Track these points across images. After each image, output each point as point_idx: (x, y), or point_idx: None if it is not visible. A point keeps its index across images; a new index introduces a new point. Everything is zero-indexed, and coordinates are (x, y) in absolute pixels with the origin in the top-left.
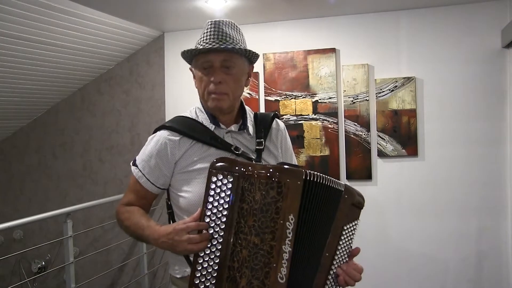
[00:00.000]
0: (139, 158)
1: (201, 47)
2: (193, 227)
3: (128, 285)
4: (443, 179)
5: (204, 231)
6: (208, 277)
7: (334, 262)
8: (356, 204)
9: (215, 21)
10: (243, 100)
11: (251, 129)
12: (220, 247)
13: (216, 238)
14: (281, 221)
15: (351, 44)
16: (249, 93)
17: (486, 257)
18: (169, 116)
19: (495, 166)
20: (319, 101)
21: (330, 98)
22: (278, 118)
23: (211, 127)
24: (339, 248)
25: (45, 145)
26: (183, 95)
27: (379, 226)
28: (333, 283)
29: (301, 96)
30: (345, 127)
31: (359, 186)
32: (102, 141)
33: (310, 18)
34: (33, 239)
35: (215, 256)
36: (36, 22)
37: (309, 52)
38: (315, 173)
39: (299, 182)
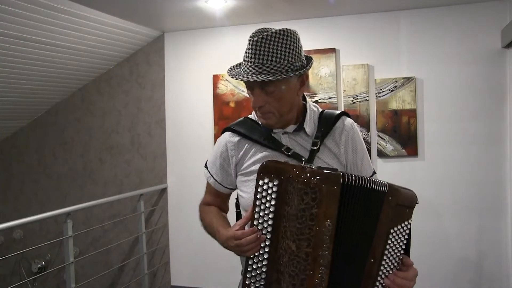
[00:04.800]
0: (209, 160)
1: (244, 78)
2: (239, 236)
3: (128, 285)
4: (443, 179)
5: (251, 236)
6: (257, 279)
7: (382, 268)
8: (404, 204)
9: (255, 40)
10: (307, 101)
11: (308, 129)
12: (268, 249)
13: (264, 241)
14: (317, 228)
15: (351, 44)
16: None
17: (486, 257)
18: (169, 116)
19: (495, 166)
20: (319, 101)
21: (330, 98)
22: (348, 117)
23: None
24: (387, 253)
25: (45, 145)
26: (183, 95)
27: None
28: None
29: None
30: None
31: None
32: (102, 141)
33: (310, 18)
34: (33, 239)
35: (264, 258)
36: (36, 22)
37: (309, 52)
38: (355, 175)
39: (335, 187)
